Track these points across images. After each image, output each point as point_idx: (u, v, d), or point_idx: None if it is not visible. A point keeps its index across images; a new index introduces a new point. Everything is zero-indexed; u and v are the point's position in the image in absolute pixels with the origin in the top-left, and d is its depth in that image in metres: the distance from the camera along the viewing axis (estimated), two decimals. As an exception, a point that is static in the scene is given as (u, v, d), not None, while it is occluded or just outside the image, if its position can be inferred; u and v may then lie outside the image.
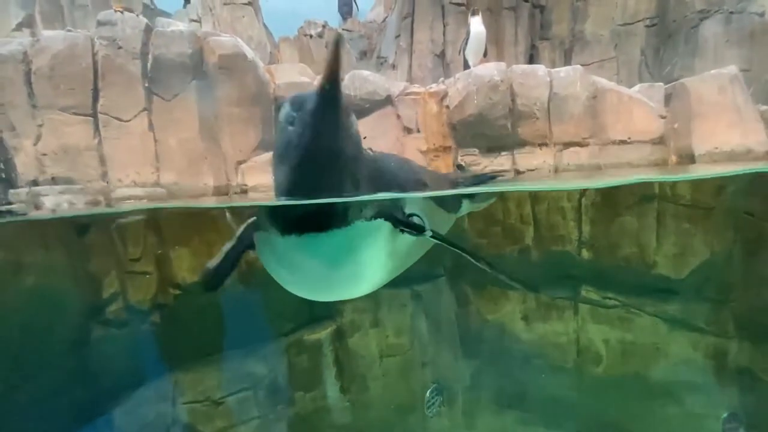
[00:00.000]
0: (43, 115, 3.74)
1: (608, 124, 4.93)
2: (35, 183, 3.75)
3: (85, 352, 2.77)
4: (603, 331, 4.35)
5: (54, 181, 3.79)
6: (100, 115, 3.86)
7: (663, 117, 5.00)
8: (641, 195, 4.20)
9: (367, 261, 1.56)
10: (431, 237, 1.71)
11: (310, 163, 1.34)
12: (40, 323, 2.42)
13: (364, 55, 8.26)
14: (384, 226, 1.57)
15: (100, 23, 3.84)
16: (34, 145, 3.75)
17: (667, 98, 5.07)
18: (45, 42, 3.68)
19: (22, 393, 2.31)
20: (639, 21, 7.16)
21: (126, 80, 3.88)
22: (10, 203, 3.55)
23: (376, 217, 1.54)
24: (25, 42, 3.70)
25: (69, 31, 3.86)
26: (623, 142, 4.94)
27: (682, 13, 6.63)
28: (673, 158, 4.92)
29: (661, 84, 5.22)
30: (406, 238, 1.68)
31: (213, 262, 1.84)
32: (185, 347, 3.15)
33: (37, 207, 3.54)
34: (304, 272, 1.58)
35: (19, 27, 5.30)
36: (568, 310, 4.50)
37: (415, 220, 1.74)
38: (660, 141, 4.95)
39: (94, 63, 3.80)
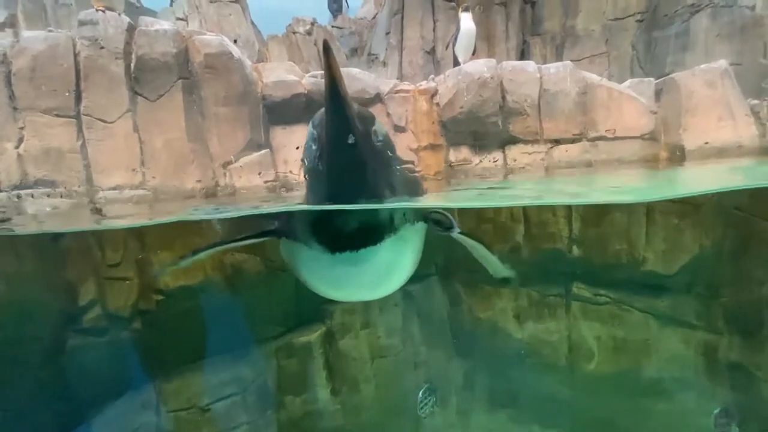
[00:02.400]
0: (24, 117, 3.67)
1: (599, 120, 4.92)
2: (17, 187, 3.69)
3: (61, 363, 2.67)
4: (594, 328, 4.34)
5: (36, 184, 3.73)
6: (83, 117, 3.79)
7: (653, 112, 4.99)
8: (631, 191, 4.18)
9: (409, 260, 1.71)
10: (459, 234, 1.78)
11: (337, 178, 1.37)
12: (12, 334, 2.35)
13: (354, 52, 8.20)
14: (422, 227, 1.68)
15: (81, 23, 3.77)
16: (16, 147, 3.68)
17: (658, 93, 5.06)
18: (25, 42, 3.61)
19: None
20: (630, 16, 7.15)
21: (109, 81, 3.81)
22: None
23: (418, 220, 1.65)
24: (4, 43, 3.63)
25: (50, 31, 3.79)
26: (614, 138, 4.93)
27: (673, 8, 6.62)
28: (664, 154, 4.92)
29: (651, 79, 5.21)
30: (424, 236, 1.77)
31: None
32: (169, 354, 3.09)
33: (20, 212, 3.48)
34: (356, 282, 1.68)
35: (1, 27, 5.21)
36: (560, 307, 4.49)
37: (440, 218, 1.80)
38: (651, 136, 4.94)
39: (76, 63, 3.73)
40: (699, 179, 4.12)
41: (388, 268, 1.66)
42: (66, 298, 2.78)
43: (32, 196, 3.64)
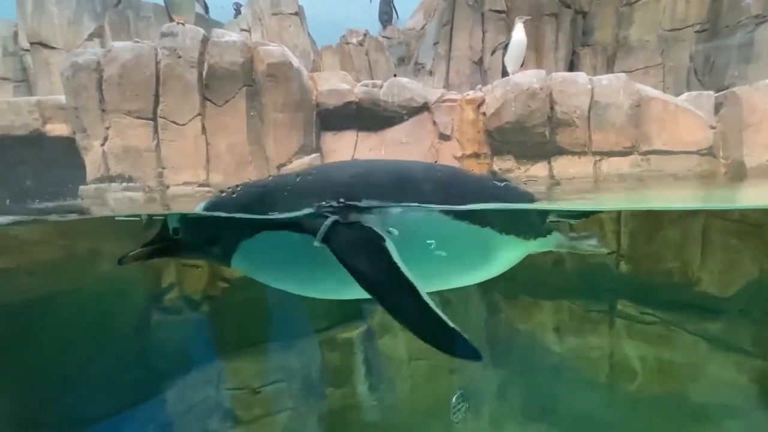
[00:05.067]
0: (110, 119, 4.12)
1: (652, 134, 4.81)
2: (101, 180, 4.14)
3: (145, 336, 3.07)
4: (639, 348, 4.21)
5: (117, 178, 4.16)
6: (159, 119, 4.20)
7: (712, 127, 4.80)
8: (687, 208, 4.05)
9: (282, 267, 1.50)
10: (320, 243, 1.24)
11: None
12: (112, 306, 2.72)
13: (402, 61, 8.41)
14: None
15: (163, 35, 4.18)
16: (102, 145, 4.14)
17: (718, 107, 4.87)
18: (115, 52, 4.06)
19: (92, 369, 2.61)
20: (688, 26, 6.87)
21: (183, 87, 4.20)
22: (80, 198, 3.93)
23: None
24: (98, 52, 4.10)
25: (136, 42, 4.23)
26: (668, 152, 4.80)
27: (736, 18, 6.31)
28: (722, 170, 4.72)
29: (711, 92, 5.02)
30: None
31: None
32: (229, 337, 3.39)
33: (103, 202, 3.90)
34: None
35: (90, 37, 5.85)
36: (603, 323, 4.38)
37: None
38: (708, 152, 4.76)
39: (157, 71, 4.15)
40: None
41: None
42: (152, 279, 3.14)
43: (113, 189, 4.06)
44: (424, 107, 5.05)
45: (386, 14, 9.01)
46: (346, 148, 5.01)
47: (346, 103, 4.88)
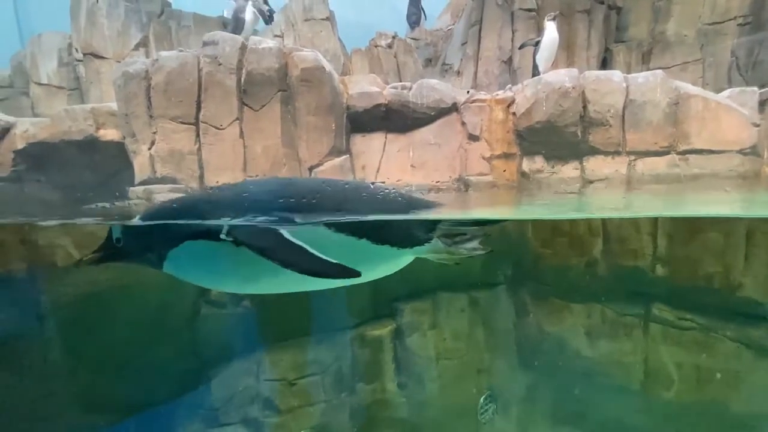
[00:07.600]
0: (157, 124, 4.39)
1: (692, 133, 4.65)
2: (147, 182, 4.42)
3: (194, 327, 3.30)
4: (676, 354, 4.09)
5: (162, 180, 4.43)
6: (201, 124, 4.44)
7: (756, 125, 4.60)
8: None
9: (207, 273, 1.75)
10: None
11: None
12: (169, 299, 2.94)
13: (429, 62, 8.43)
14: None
15: (205, 43, 4.41)
16: (149, 149, 4.41)
17: (762, 104, 4.66)
18: (162, 61, 4.32)
19: (150, 358, 2.84)
20: (730, 19, 6.56)
21: (223, 93, 4.42)
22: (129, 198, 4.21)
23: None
24: (147, 61, 4.37)
25: (180, 51, 4.48)
26: (709, 151, 4.63)
27: (784, 11, 5.99)
28: (767, 170, 4.52)
29: (755, 88, 4.81)
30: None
31: None
32: (269, 331, 3.57)
33: (150, 202, 4.16)
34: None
35: (137, 47, 6.22)
36: (637, 328, 4.29)
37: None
38: (752, 151, 4.56)
39: (199, 78, 4.38)
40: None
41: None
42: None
43: (160, 191, 4.32)
44: (453, 108, 5.07)
45: (414, 15, 9.05)
46: (375, 149, 5.12)
47: (375, 105, 4.98)
